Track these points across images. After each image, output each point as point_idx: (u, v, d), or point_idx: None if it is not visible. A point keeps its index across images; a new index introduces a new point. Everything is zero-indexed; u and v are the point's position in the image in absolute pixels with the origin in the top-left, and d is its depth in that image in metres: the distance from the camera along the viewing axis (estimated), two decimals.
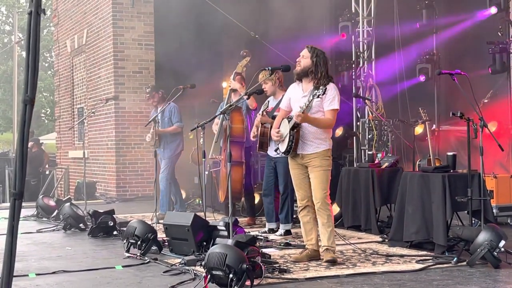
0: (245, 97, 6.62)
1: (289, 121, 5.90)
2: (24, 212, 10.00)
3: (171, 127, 9.71)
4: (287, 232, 7.72)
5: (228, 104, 7.09)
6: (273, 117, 7.18)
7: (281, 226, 7.79)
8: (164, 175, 9.63)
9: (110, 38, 13.43)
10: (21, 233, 8.19)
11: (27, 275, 5.62)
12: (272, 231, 7.91)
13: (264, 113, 7.58)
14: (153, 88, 10.15)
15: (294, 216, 7.86)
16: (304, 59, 5.98)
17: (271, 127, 6.91)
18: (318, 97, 5.66)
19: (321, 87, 5.66)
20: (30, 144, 15.79)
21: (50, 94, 42.33)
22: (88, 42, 14.91)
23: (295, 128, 5.84)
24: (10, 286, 1.96)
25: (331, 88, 5.83)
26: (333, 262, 5.81)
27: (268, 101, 7.84)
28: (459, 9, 11.33)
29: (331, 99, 5.85)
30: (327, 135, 5.99)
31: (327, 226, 5.90)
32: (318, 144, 5.93)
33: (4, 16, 51.70)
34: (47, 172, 16.27)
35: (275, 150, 6.43)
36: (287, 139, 5.90)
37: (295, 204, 7.49)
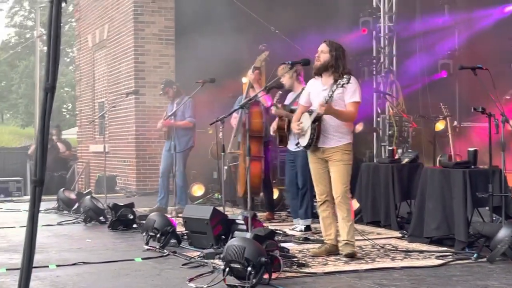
0: (261, 93, 6.63)
1: (310, 114, 5.87)
2: (45, 205, 10.09)
3: (183, 121, 9.55)
4: (307, 228, 7.68)
5: (248, 99, 7.08)
6: (291, 111, 7.15)
7: (300, 221, 7.73)
8: (180, 171, 9.55)
9: (131, 33, 13.48)
10: (42, 225, 8.26)
11: (48, 266, 5.66)
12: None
13: (279, 105, 7.53)
14: (166, 83, 9.94)
15: (314, 211, 7.81)
16: (324, 54, 5.95)
17: (289, 121, 6.89)
18: (342, 86, 5.61)
19: (344, 77, 5.63)
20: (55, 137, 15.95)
21: (71, 89, 42.65)
22: (109, 37, 14.98)
23: (317, 121, 5.81)
24: (30, 272, 1.98)
25: (353, 80, 5.79)
26: (352, 257, 5.78)
27: (280, 93, 7.80)
28: (482, 5, 11.23)
29: (352, 92, 5.81)
30: (348, 128, 5.96)
31: (347, 220, 5.87)
32: (340, 138, 5.89)
33: (26, 11, 52.19)
34: (68, 165, 16.39)
35: (296, 145, 6.40)
36: (308, 133, 5.87)
37: (314, 200, 7.46)
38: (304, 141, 5.95)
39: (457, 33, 12.09)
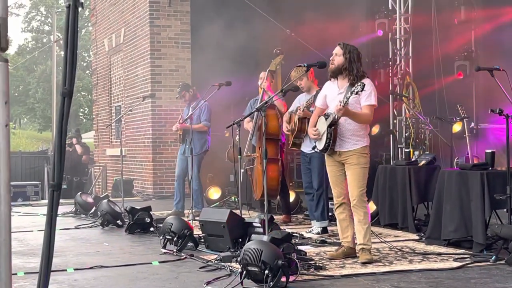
0: (275, 97, 6.63)
1: (326, 119, 5.86)
2: (62, 209, 10.16)
3: (198, 125, 9.52)
4: (324, 230, 7.66)
5: (264, 101, 7.08)
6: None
7: (317, 223, 7.72)
8: (194, 174, 9.54)
9: (147, 36, 13.54)
10: (60, 229, 8.30)
11: (66, 270, 5.70)
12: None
13: (305, 109, 7.50)
14: (183, 87, 9.94)
15: (330, 214, 7.79)
16: (338, 57, 5.94)
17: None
18: (356, 93, 5.60)
19: (359, 83, 5.60)
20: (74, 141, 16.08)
21: (88, 93, 42.90)
22: (126, 41, 15.05)
23: (333, 125, 5.80)
24: (48, 276, 1.99)
25: (368, 84, 5.77)
26: (369, 263, 5.75)
27: (313, 97, 7.76)
28: (498, 4, 11.16)
29: (367, 95, 5.79)
30: (364, 132, 5.95)
31: (363, 223, 5.86)
32: (356, 141, 5.89)
33: (43, 16, 52.59)
34: (86, 169, 16.49)
35: (313, 148, 6.40)
36: (324, 137, 5.86)
37: (330, 202, 7.44)
38: (320, 145, 5.95)
39: (474, 33, 12.02)
